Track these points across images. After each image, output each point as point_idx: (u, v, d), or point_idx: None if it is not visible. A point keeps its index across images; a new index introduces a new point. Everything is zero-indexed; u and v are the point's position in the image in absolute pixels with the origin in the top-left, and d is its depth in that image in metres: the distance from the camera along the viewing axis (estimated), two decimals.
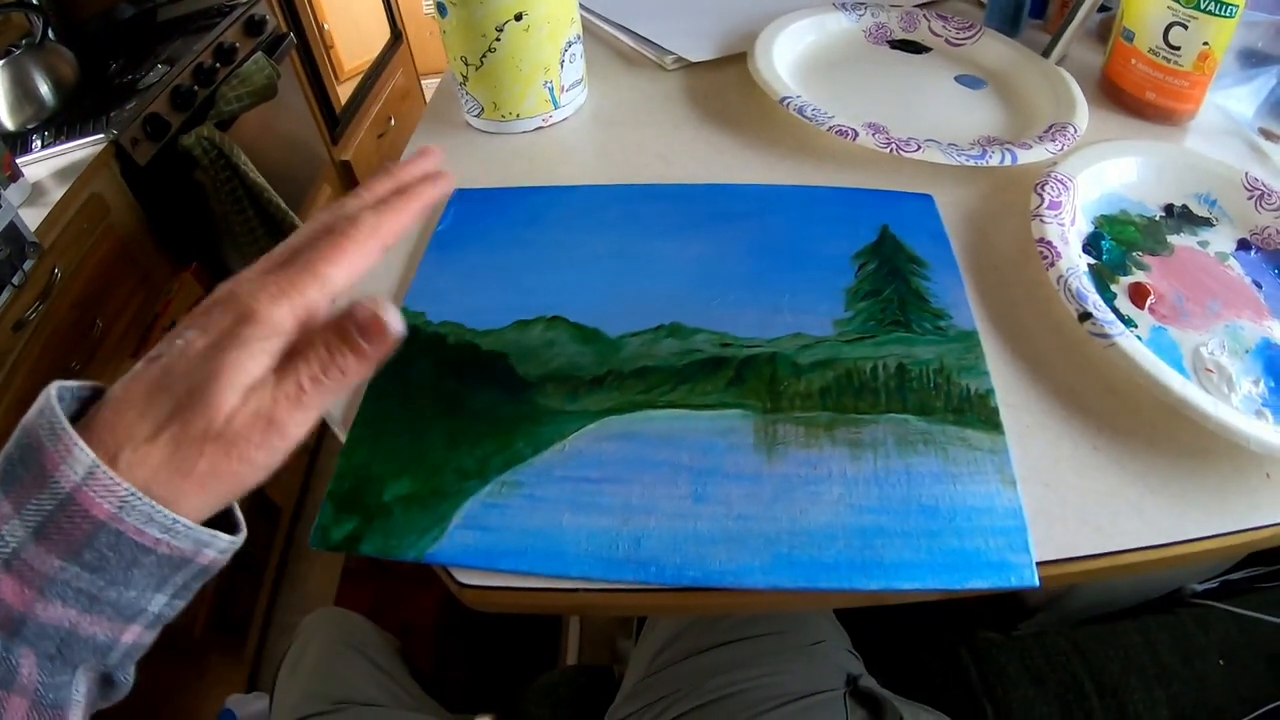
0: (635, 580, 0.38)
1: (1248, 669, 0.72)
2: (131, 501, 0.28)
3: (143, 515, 0.29)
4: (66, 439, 0.28)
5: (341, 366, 0.31)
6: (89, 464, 0.28)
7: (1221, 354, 0.49)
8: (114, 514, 0.28)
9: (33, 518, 0.28)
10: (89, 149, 1.21)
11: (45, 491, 0.28)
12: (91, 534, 0.28)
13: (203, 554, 0.31)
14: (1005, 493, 0.40)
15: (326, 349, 0.31)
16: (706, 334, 0.48)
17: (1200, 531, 0.41)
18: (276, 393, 0.31)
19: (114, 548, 0.29)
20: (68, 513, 0.28)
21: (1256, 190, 0.59)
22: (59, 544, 0.28)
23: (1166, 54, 0.66)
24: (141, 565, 0.30)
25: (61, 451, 0.28)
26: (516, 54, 0.64)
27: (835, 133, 0.63)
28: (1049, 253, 0.51)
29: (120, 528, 0.29)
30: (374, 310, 0.31)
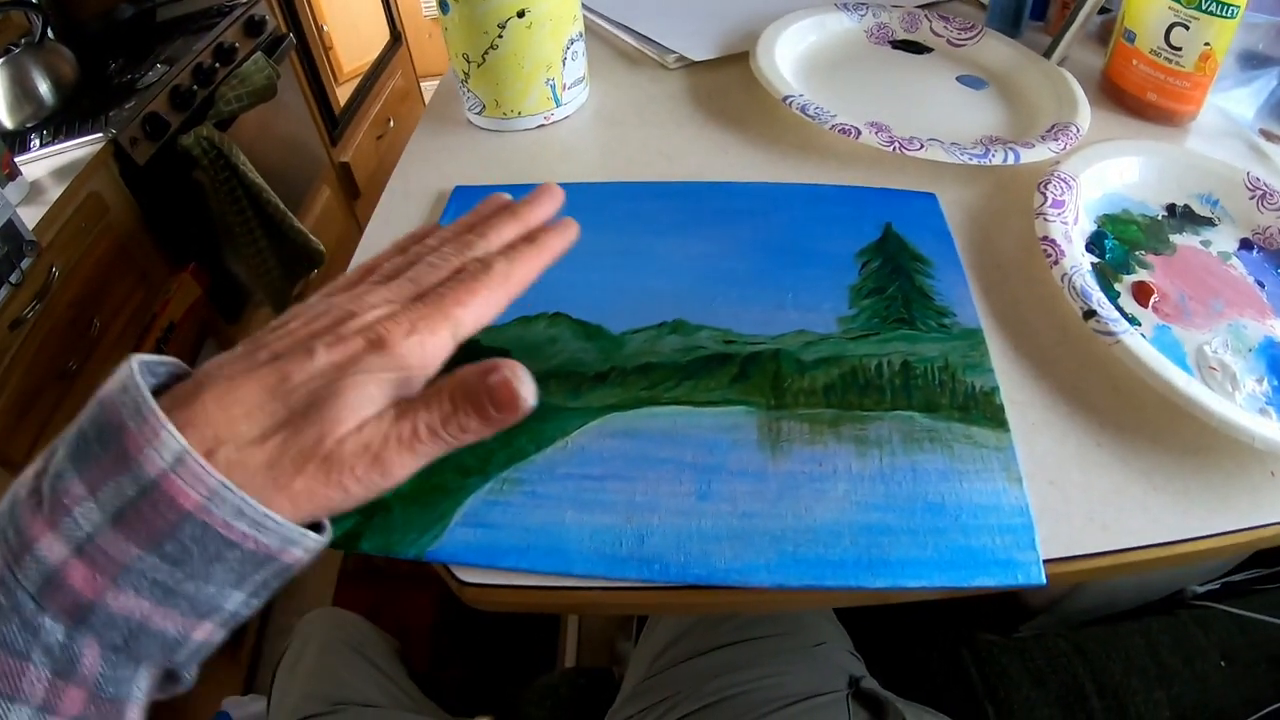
0: (639, 578, 0.37)
1: (1249, 670, 0.72)
2: (221, 493, 0.27)
3: (232, 508, 0.27)
4: (154, 420, 0.26)
5: (463, 425, 0.30)
6: (178, 450, 0.26)
7: (1225, 352, 0.49)
8: (202, 505, 0.27)
9: (111, 502, 0.26)
10: (88, 148, 1.20)
11: (127, 475, 0.26)
12: (176, 524, 0.27)
13: (289, 552, 0.29)
14: (1011, 490, 0.40)
15: (453, 404, 0.30)
16: (710, 331, 0.48)
17: (1205, 529, 0.40)
18: (390, 431, 0.30)
19: (198, 540, 0.27)
20: (151, 500, 0.26)
21: (1258, 190, 0.59)
22: (139, 532, 0.27)
23: (1168, 55, 0.66)
24: (225, 560, 0.28)
25: (147, 434, 0.26)
26: (519, 51, 0.63)
27: (838, 131, 0.62)
28: (1053, 251, 0.51)
29: (207, 520, 0.27)
30: (512, 381, 0.30)
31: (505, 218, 0.37)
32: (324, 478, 0.29)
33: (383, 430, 0.29)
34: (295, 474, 0.28)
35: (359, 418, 0.29)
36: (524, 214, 0.37)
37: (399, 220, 0.60)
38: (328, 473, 0.29)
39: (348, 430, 0.29)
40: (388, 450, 0.29)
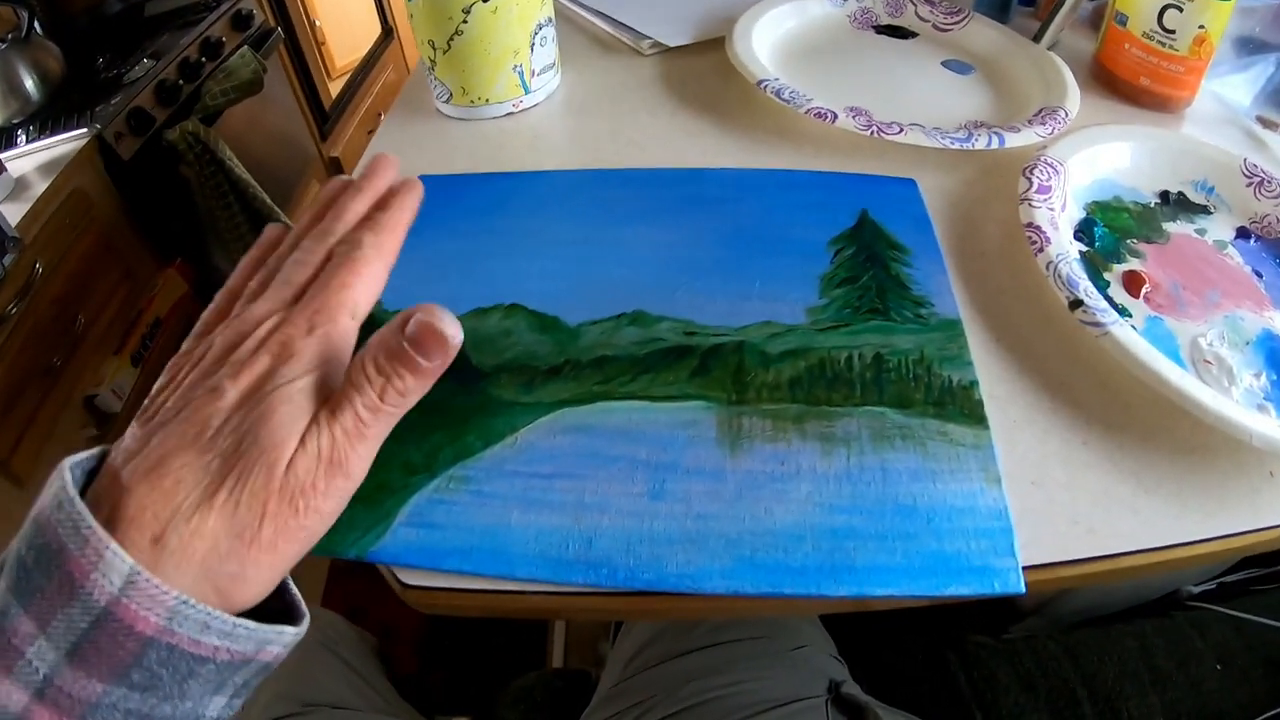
0: (586, 583, 0.35)
1: (1245, 674, 0.69)
2: (183, 611, 0.24)
3: (197, 624, 0.25)
4: (95, 540, 0.24)
5: (400, 389, 0.28)
6: (126, 571, 0.24)
7: (1221, 345, 0.46)
8: (163, 627, 0.24)
9: (64, 637, 0.24)
10: (72, 143, 1.20)
11: (75, 605, 0.24)
12: (139, 652, 0.24)
13: (266, 651, 0.27)
14: (989, 491, 0.37)
15: (380, 373, 0.28)
16: (670, 322, 0.45)
17: (1200, 534, 0.38)
18: (334, 430, 0.27)
19: (166, 663, 0.25)
20: (107, 630, 0.24)
21: (1256, 177, 0.57)
22: (100, 666, 0.24)
23: (1161, 38, 0.64)
24: (198, 675, 0.26)
25: (91, 556, 0.24)
26: (485, 36, 0.61)
27: (814, 115, 0.60)
28: (1038, 238, 0.48)
29: (172, 641, 0.24)
30: (429, 321, 0.28)
31: (351, 195, 0.34)
32: (290, 510, 0.26)
33: (327, 433, 0.27)
34: (260, 521, 0.26)
35: (298, 433, 0.27)
36: (367, 187, 0.35)
37: None
38: (293, 503, 0.26)
39: (293, 450, 0.27)
40: (339, 449, 0.27)
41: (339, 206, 0.34)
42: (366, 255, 0.31)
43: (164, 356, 1.32)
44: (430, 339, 0.27)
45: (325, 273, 0.30)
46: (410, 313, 0.28)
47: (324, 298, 0.29)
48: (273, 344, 0.28)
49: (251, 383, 0.27)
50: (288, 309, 0.29)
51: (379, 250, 0.31)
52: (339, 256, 0.31)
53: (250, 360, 0.28)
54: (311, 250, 0.32)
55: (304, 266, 0.31)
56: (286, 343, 0.28)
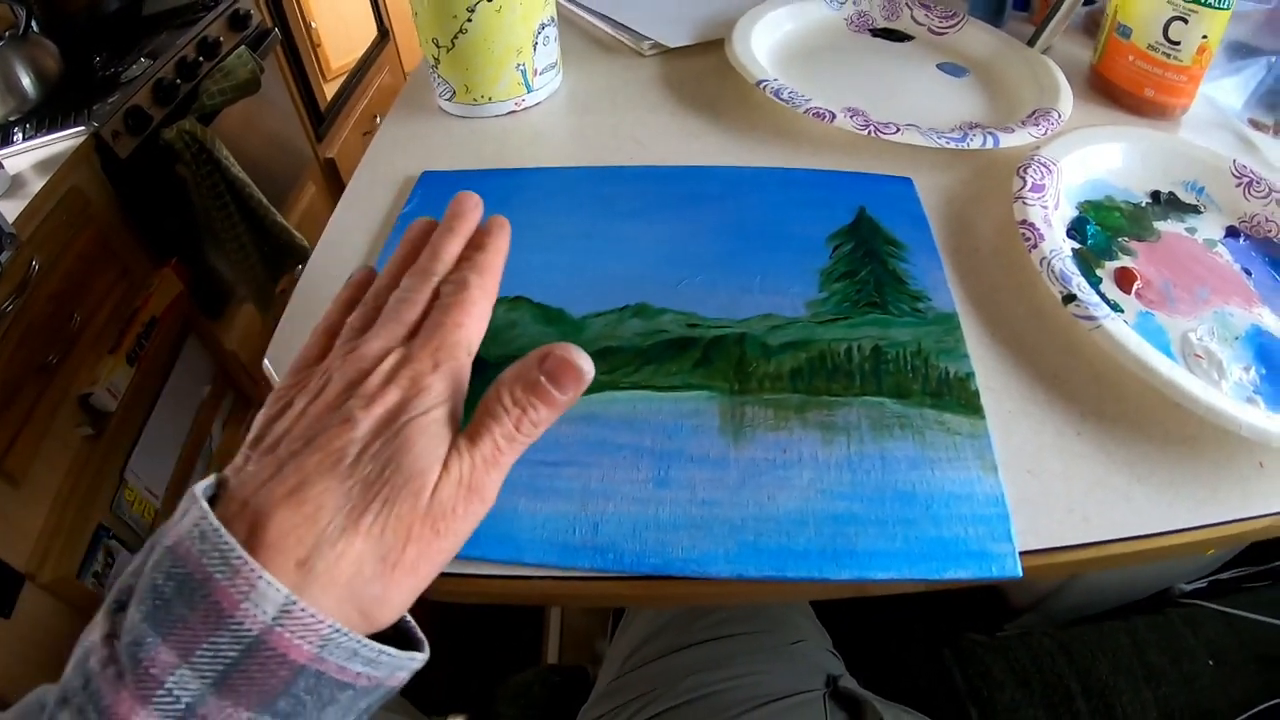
0: (592, 568, 0.35)
1: (1237, 670, 0.71)
2: (335, 639, 0.25)
3: (346, 651, 0.25)
4: (246, 570, 0.24)
5: (534, 420, 0.30)
6: (281, 600, 0.24)
7: (1211, 340, 0.48)
8: (315, 655, 0.25)
9: (210, 666, 0.24)
10: (70, 141, 1.19)
11: (223, 634, 0.24)
12: (289, 680, 0.25)
13: (396, 677, 0.28)
14: (986, 479, 0.38)
15: (516, 404, 0.30)
16: (673, 314, 0.46)
17: (1191, 521, 0.39)
18: (474, 457, 0.29)
19: (313, 690, 0.25)
20: (259, 658, 0.24)
21: (1245, 178, 0.58)
22: (248, 694, 0.24)
23: (1166, 49, 0.65)
24: (337, 702, 0.26)
25: (242, 586, 0.24)
26: (488, 35, 0.62)
27: (812, 115, 0.61)
28: (1031, 235, 0.49)
29: (321, 668, 0.25)
30: (565, 356, 0.30)
31: (445, 237, 0.36)
32: (433, 534, 0.28)
33: (467, 461, 0.29)
34: (405, 545, 0.27)
35: (439, 460, 0.28)
36: (458, 227, 0.36)
37: (367, 207, 0.58)
38: (435, 527, 0.28)
39: (437, 477, 0.28)
40: (478, 475, 0.29)
41: (435, 246, 0.35)
42: (474, 296, 0.32)
43: (159, 355, 1.32)
44: (567, 373, 0.29)
45: (438, 311, 0.32)
46: (547, 349, 0.30)
47: (442, 335, 0.31)
48: (402, 379, 0.29)
49: (384, 414, 0.28)
50: (405, 345, 0.31)
51: (484, 290, 0.33)
52: (447, 296, 0.32)
53: (380, 393, 0.29)
54: (417, 289, 0.33)
55: (412, 305, 0.32)
56: (416, 378, 0.29)
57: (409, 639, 0.30)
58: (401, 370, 0.29)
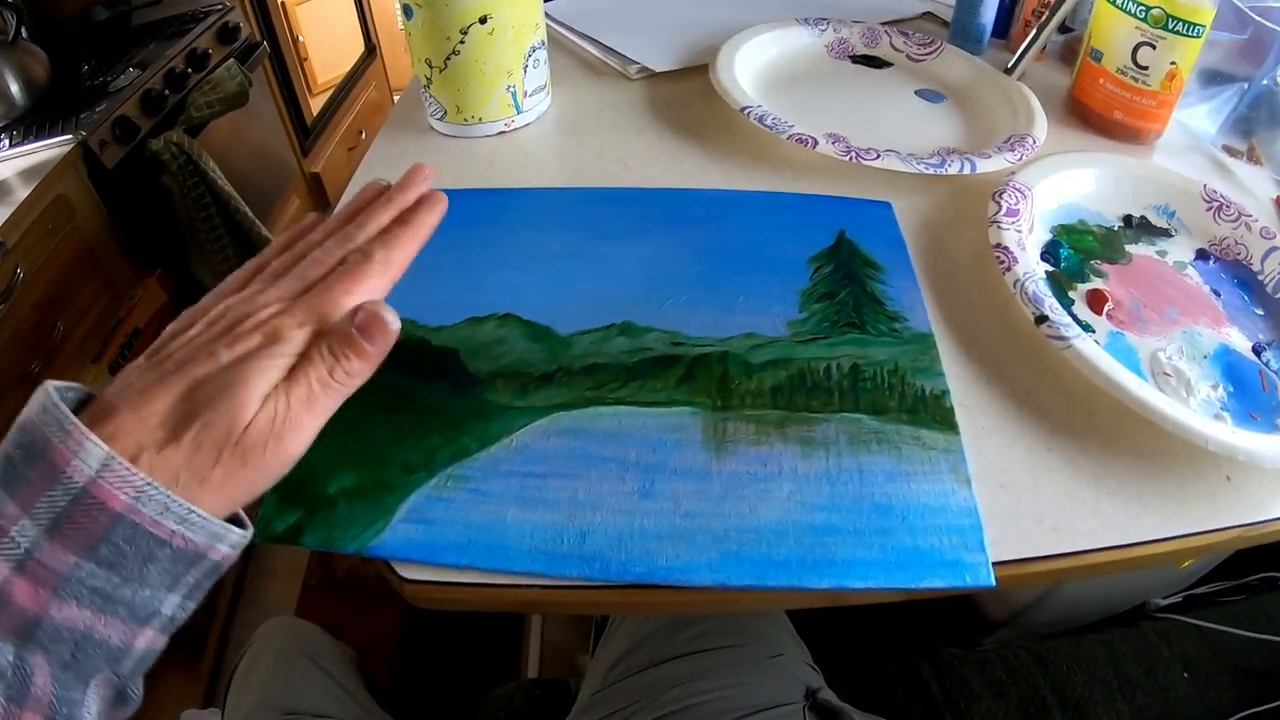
0: (580, 576, 0.37)
1: (1211, 681, 0.72)
2: (148, 491, 0.28)
3: (159, 505, 0.29)
4: (77, 433, 0.28)
5: (347, 369, 0.33)
6: (103, 456, 0.28)
7: (1180, 359, 0.50)
8: (131, 505, 0.28)
9: (44, 515, 0.28)
10: (57, 149, 1.20)
11: (57, 486, 0.28)
12: (108, 526, 0.28)
13: (215, 549, 0.31)
14: (960, 492, 0.40)
15: (332, 353, 0.33)
16: (658, 333, 0.48)
17: (1158, 533, 0.41)
18: (289, 398, 0.32)
19: (130, 540, 0.29)
20: (83, 506, 0.28)
21: (1215, 202, 0.60)
22: (74, 539, 0.28)
23: (1135, 74, 0.67)
24: (156, 560, 0.29)
25: (73, 446, 0.28)
26: (480, 57, 0.64)
27: (795, 141, 0.63)
28: (1005, 258, 0.51)
29: (137, 519, 0.28)
30: (374, 310, 0.33)
31: (380, 205, 0.38)
32: (240, 462, 0.31)
33: (283, 401, 0.32)
34: (213, 465, 0.30)
35: (259, 398, 0.31)
36: (397, 198, 0.39)
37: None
38: (244, 456, 0.31)
39: (253, 413, 0.31)
40: (291, 416, 0.32)
41: (366, 214, 0.38)
42: (372, 269, 0.35)
43: None
44: (375, 324, 0.33)
45: (332, 275, 0.35)
46: (359, 305, 0.33)
47: (323, 299, 0.34)
48: (267, 327, 0.32)
49: (241, 353, 0.32)
50: (294, 300, 0.34)
51: (385, 265, 0.35)
52: (349, 264, 0.35)
53: (246, 336, 0.32)
54: (330, 252, 0.36)
55: (319, 266, 0.35)
56: (279, 329, 0.32)
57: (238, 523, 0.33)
58: (271, 320, 0.33)
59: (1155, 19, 0.64)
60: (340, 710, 0.72)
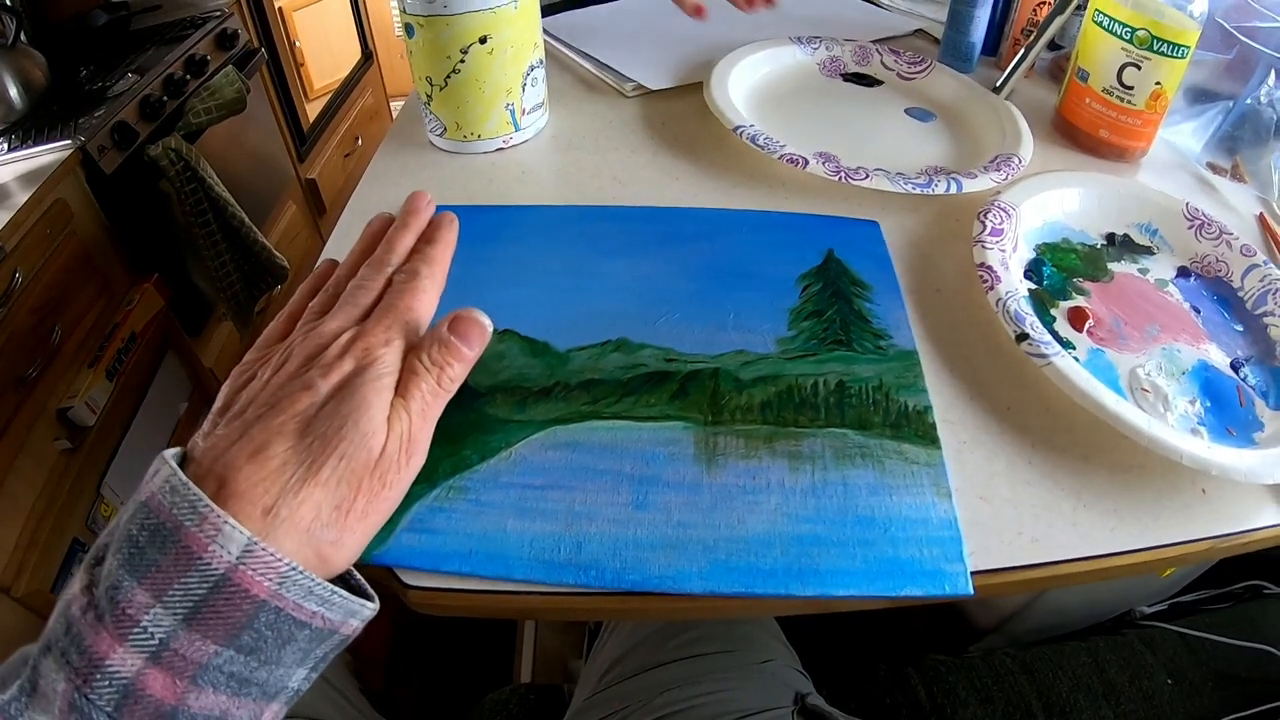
0: (576, 583, 0.38)
1: (1196, 688, 0.74)
2: (292, 576, 0.28)
3: (302, 589, 0.29)
4: (213, 516, 0.27)
5: (451, 375, 0.35)
6: (244, 541, 0.27)
7: (1158, 375, 0.51)
8: (275, 591, 0.28)
9: (181, 604, 0.27)
10: (56, 154, 1.21)
11: (193, 574, 0.27)
12: (252, 614, 0.28)
13: (348, 624, 0.32)
14: (940, 504, 0.42)
15: (435, 362, 0.35)
16: (652, 349, 0.49)
17: (1133, 545, 0.42)
18: (409, 413, 0.34)
19: (273, 626, 0.28)
20: (224, 594, 0.27)
21: (1197, 220, 0.62)
22: (215, 628, 0.27)
23: (1120, 93, 0.69)
24: (295, 641, 0.29)
25: (209, 531, 0.27)
26: (480, 76, 0.65)
27: (786, 161, 0.65)
28: (989, 277, 0.53)
29: (280, 604, 0.28)
30: (470, 317, 0.36)
31: (399, 232, 0.41)
32: (380, 485, 0.32)
33: (405, 418, 0.33)
34: (356, 494, 0.31)
35: (384, 419, 0.33)
36: (412, 223, 0.41)
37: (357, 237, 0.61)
38: (383, 478, 0.32)
39: (385, 435, 0.32)
40: (414, 429, 0.34)
41: (389, 241, 0.40)
42: (423, 284, 0.37)
43: (139, 371, 1.33)
44: (473, 331, 0.36)
45: (390, 295, 0.37)
46: (454, 314, 0.36)
47: (394, 315, 0.36)
48: (356, 350, 0.34)
49: (340, 379, 0.33)
50: (359, 325, 0.35)
51: (433, 279, 0.38)
52: (399, 284, 0.37)
53: (337, 363, 0.33)
54: (372, 278, 0.38)
55: (368, 292, 0.37)
56: (369, 349, 0.34)
57: (361, 594, 0.33)
58: (356, 343, 0.34)
59: (1141, 40, 0.65)
60: (336, 714, 0.73)
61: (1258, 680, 0.75)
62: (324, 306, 0.38)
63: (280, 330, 0.38)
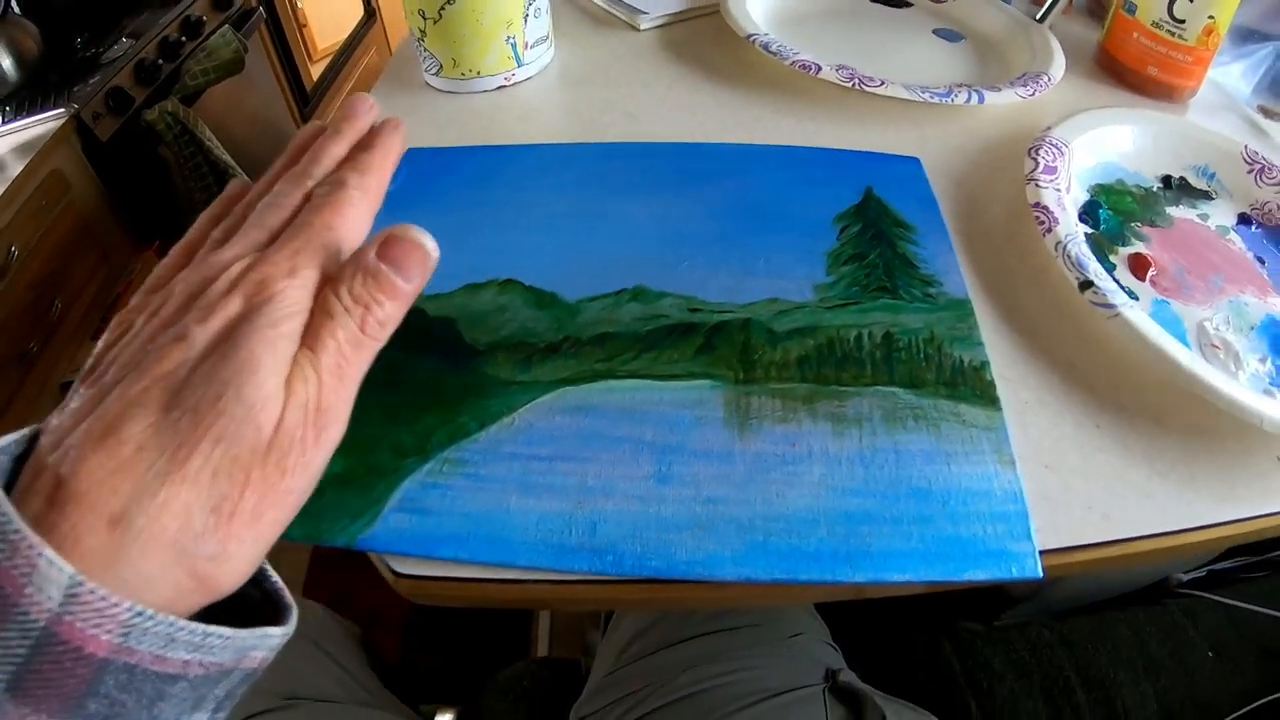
0: (590, 571, 0.34)
1: (1238, 663, 0.70)
2: (139, 625, 0.21)
3: (159, 638, 0.21)
4: (25, 548, 0.20)
5: (380, 317, 0.26)
6: (65, 582, 0.20)
7: (1227, 330, 0.47)
8: (118, 645, 0.21)
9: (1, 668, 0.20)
10: (50, 124, 1.19)
11: (11, 628, 0.20)
12: (91, 679, 0.20)
13: (248, 659, 0.24)
14: (1004, 474, 0.37)
15: (358, 301, 0.25)
16: (674, 298, 0.44)
17: (1212, 518, 0.38)
18: (319, 372, 0.24)
19: (127, 688, 0.21)
20: (50, 655, 0.20)
21: (1256, 164, 0.57)
22: (46, 700, 0.20)
23: (1171, 27, 0.64)
24: (170, 696, 0.22)
25: (23, 567, 0.20)
26: (477, 6, 0.60)
27: (799, 67, 0.62)
28: (1046, 218, 0.48)
29: (131, 660, 0.21)
30: (406, 236, 0.26)
31: (329, 139, 0.31)
32: (278, 473, 0.23)
33: (313, 378, 0.24)
34: (242, 489, 0.23)
35: (280, 382, 0.23)
36: (346, 129, 0.32)
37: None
38: (280, 464, 0.23)
39: (279, 405, 0.23)
40: (326, 392, 0.24)
41: (315, 150, 0.31)
42: (351, 195, 0.28)
43: None
44: (412, 255, 0.26)
45: (305, 212, 0.27)
46: (383, 234, 0.26)
47: (306, 236, 0.26)
48: (247, 284, 0.24)
49: (223, 327, 0.24)
50: (264, 251, 0.26)
51: (364, 190, 0.28)
52: (319, 197, 0.28)
53: (221, 303, 0.24)
54: (287, 194, 0.28)
55: (279, 210, 0.28)
56: (264, 282, 0.24)
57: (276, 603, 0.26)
58: (248, 275, 0.25)
59: None
60: (344, 692, 0.70)
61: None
62: (227, 232, 0.28)
63: (173, 265, 0.29)
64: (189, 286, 0.25)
